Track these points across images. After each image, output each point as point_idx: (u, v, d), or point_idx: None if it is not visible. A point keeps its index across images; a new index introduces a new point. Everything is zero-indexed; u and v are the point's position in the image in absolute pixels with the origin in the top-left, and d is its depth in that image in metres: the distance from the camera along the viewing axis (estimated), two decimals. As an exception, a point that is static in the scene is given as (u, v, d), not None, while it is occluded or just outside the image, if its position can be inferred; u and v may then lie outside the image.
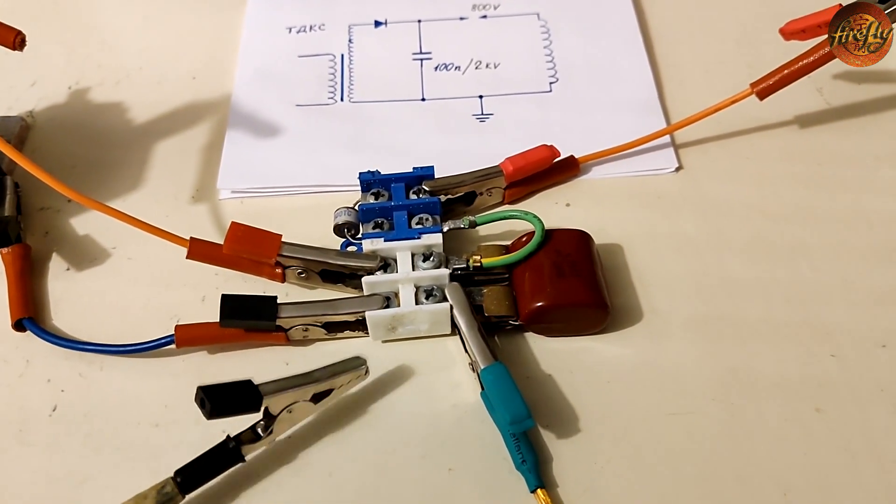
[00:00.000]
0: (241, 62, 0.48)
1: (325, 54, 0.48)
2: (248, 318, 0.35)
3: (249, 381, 0.30)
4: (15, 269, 0.38)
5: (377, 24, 0.50)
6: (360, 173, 0.39)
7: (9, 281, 0.38)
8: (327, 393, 0.33)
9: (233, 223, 0.36)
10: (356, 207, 0.39)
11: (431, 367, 0.36)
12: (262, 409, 0.30)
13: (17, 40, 0.34)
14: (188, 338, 0.35)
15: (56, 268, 0.40)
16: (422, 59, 0.48)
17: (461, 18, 0.50)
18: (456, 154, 0.43)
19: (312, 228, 0.40)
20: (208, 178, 0.43)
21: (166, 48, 0.50)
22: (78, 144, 0.46)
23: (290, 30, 0.50)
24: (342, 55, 0.48)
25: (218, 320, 0.35)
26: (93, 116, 0.47)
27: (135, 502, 0.30)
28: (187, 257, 0.37)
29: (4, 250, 0.39)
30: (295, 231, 0.38)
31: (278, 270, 0.37)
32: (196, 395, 0.29)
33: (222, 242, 0.36)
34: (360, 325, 0.36)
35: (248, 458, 0.32)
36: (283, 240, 0.36)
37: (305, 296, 0.38)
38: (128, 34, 0.52)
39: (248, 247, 0.36)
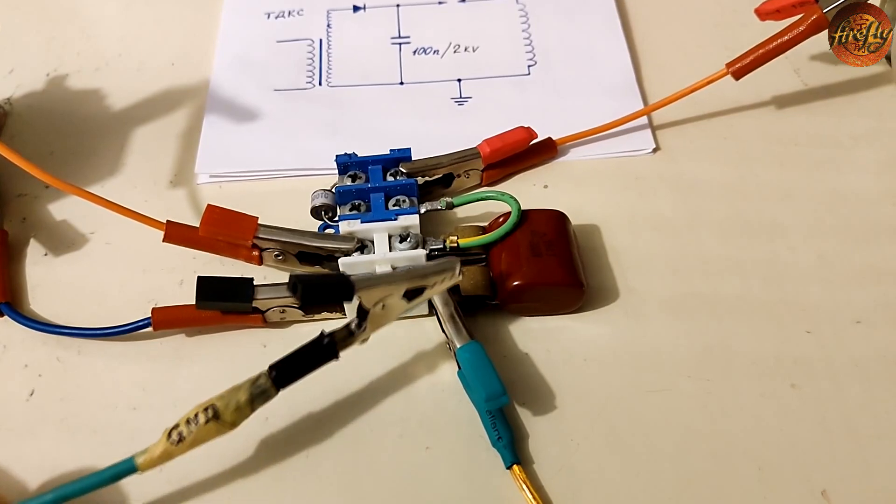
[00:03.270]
0: (220, 48, 0.48)
1: (303, 39, 0.48)
2: (224, 300, 0.35)
3: (343, 274, 0.30)
4: (-8, 255, 0.38)
5: (356, 8, 0.50)
6: (336, 156, 0.39)
7: (-17, 268, 0.38)
8: (420, 291, 0.31)
9: (208, 206, 0.36)
10: (333, 190, 0.39)
11: (408, 348, 0.36)
12: (357, 303, 0.29)
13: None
14: (165, 320, 0.35)
15: (34, 253, 0.40)
16: (400, 44, 0.48)
17: (440, 2, 0.50)
18: (435, 138, 0.43)
19: (291, 211, 0.40)
20: (187, 163, 0.43)
21: (145, 35, 0.50)
22: (56, 132, 0.46)
23: (269, 15, 0.50)
24: (321, 40, 0.48)
25: (195, 303, 0.35)
26: (71, 104, 0.47)
27: (229, 394, 0.29)
28: (164, 240, 0.36)
29: (-19, 236, 0.39)
30: (274, 214, 0.38)
31: (255, 253, 0.37)
32: (289, 281, 0.28)
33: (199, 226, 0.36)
34: (337, 306, 0.36)
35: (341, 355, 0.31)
36: (259, 222, 0.36)
37: (283, 278, 0.38)
38: (106, 21, 0.51)
39: (224, 229, 0.36)
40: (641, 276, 0.38)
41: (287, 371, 0.30)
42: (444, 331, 0.34)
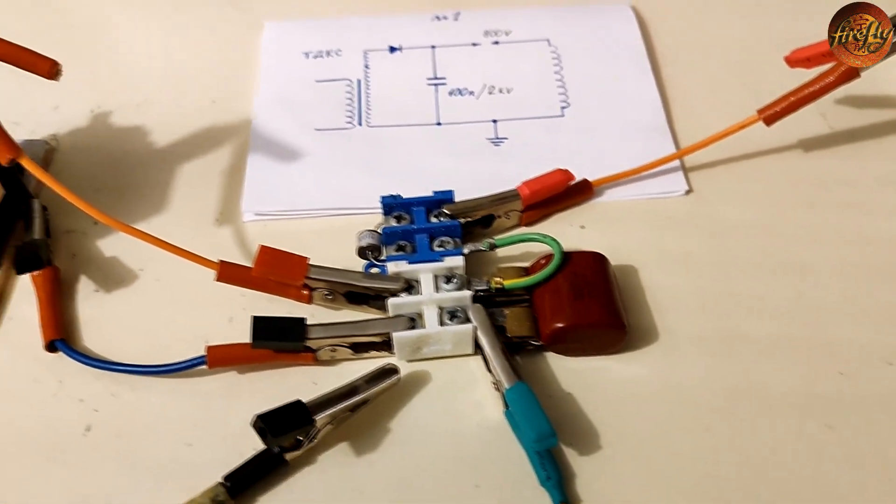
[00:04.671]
0: (260, 86, 0.49)
1: (341, 79, 0.50)
2: (278, 339, 0.36)
3: (300, 402, 0.32)
4: (46, 291, 0.39)
5: (392, 49, 0.51)
6: (382, 197, 0.40)
7: (40, 303, 0.39)
8: (364, 402, 0.34)
9: (262, 246, 0.37)
10: (379, 230, 0.40)
11: (455, 387, 0.37)
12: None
13: (52, 70, 0.35)
14: (219, 358, 0.36)
15: (85, 289, 0.41)
16: (436, 85, 0.49)
17: (474, 44, 0.51)
18: (472, 177, 0.44)
19: (333, 250, 0.41)
20: (231, 200, 0.45)
21: (185, 72, 0.52)
22: (101, 167, 0.47)
23: (307, 55, 0.51)
24: (358, 80, 0.49)
25: (248, 341, 0.36)
26: (115, 139, 0.48)
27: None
28: (217, 280, 0.38)
29: (35, 273, 0.40)
30: (316, 252, 0.39)
31: (305, 292, 0.38)
32: (254, 422, 0.32)
33: (250, 265, 0.37)
34: (385, 346, 0.37)
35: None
36: (309, 262, 0.37)
37: (331, 317, 0.39)
38: (147, 58, 0.53)
39: (276, 269, 0.37)
40: (678, 315, 0.39)
41: (241, 481, 0.33)
42: (490, 370, 0.36)
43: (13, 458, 0.35)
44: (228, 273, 0.37)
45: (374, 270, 0.40)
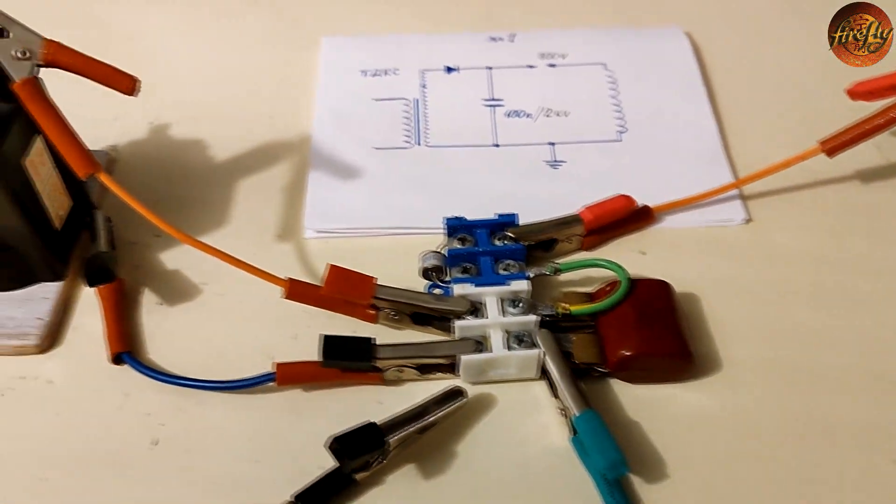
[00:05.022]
0: (318, 103, 0.50)
1: (399, 98, 0.50)
2: (347, 359, 0.36)
3: (373, 425, 0.32)
4: (112, 303, 0.40)
5: (448, 69, 0.51)
6: (446, 219, 0.40)
7: (106, 315, 0.39)
8: (432, 425, 0.34)
9: (331, 266, 0.38)
10: (442, 251, 0.40)
11: (519, 411, 0.37)
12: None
13: (132, 85, 0.35)
14: (288, 375, 0.36)
15: (148, 302, 0.41)
16: (493, 106, 0.49)
17: (530, 66, 0.52)
18: (529, 200, 0.44)
19: (392, 268, 0.41)
20: (292, 216, 0.45)
21: (242, 86, 0.52)
22: (160, 179, 0.47)
23: (365, 73, 0.51)
24: (416, 100, 0.50)
25: (315, 359, 0.36)
26: (173, 152, 0.49)
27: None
28: (286, 297, 0.38)
29: (102, 286, 0.40)
30: (375, 270, 0.39)
31: (371, 311, 0.38)
32: (329, 444, 0.32)
33: (312, 281, 0.38)
34: (450, 368, 0.37)
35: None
36: (377, 282, 0.38)
37: (393, 335, 0.39)
38: (204, 71, 0.53)
39: (345, 288, 0.37)
40: (740, 344, 0.39)
41: (312, 501, 0.33)
42: (557, 396, 0.36)
43: (80, 470, 0.35)
44: (297, 291, 0.38)
45: (437, 291, 0.40)
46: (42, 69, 0.35)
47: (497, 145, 0.47)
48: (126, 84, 0.35)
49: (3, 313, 0.40)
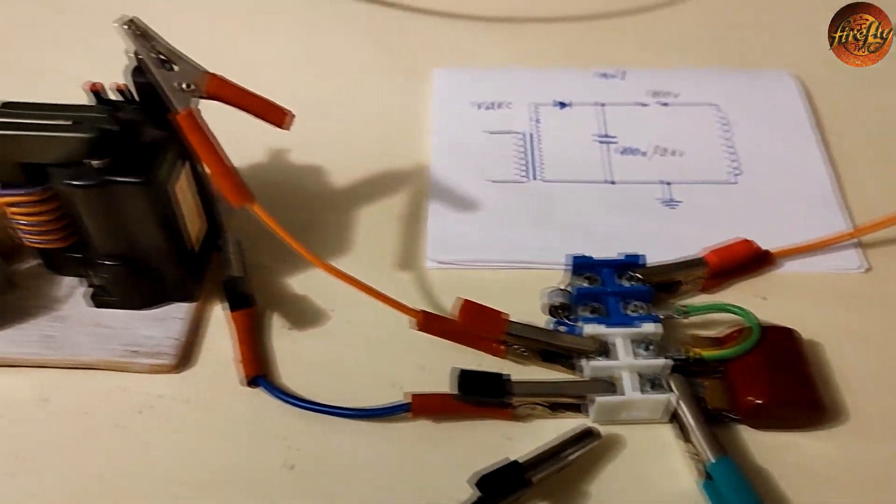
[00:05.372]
0: (433, 133, 0.51)
1: (512, 132, 0.51)
2: (482, 394, 0.37)
3: (517, 464, 0.32)
4: (246, 327, 0.41)
5: (561, 105, 0.52)
6: (573, 257, 0.41)
7: (239, 338, 0.40)
8: (568, 464, 0.35)
9: (464, 300, 0.38)
10: (568, 289, 0.41)
11: (647, 453, 0.37)
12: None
13: (285, 120, 0.37)
14: (423, 407, 0.37)
15: (277, 326, 0.42)
16: (607, 142, 0.50)
17: (641, 104, 0.52)
18: (646, 239, 0.45)
19: (510, 301, 0.41)
20: (411, 245, 0.46)
21: (357, 115, 0.53)
22: (278, 205, 0.47)
23: (479, 106, 0.52)
24: (529, 134, 0.51)
25: (445, 391, 0.37)
26: (292, 177, 0.50)
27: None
28: (418, 329, 0.39)
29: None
30: (494, 303, 0.40)
31: (500, 346, 0.39)
32: (476, 482, 0.33)
33: (438, 312, 0.39)
34: (578, 407, 0.38)
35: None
36: (508, 318, 0.38)
37: (517, 370, 0.40)
38: (320, 97, 0.54)
39: (477, 323, 0.38)
40: (867, 395, 0.39)
41: None
42: (689, 441, 0.36)
43: (215, 490, 0.36)
44: (430, 323, 0.39)
45: (562, 328, 0.40)
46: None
47: (612, 182, 0.48)
48: (280, 117, 0.37)
49: (140, 332, 0.41)
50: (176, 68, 0.35)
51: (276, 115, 0.36)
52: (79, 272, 0.43)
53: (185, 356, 0.41)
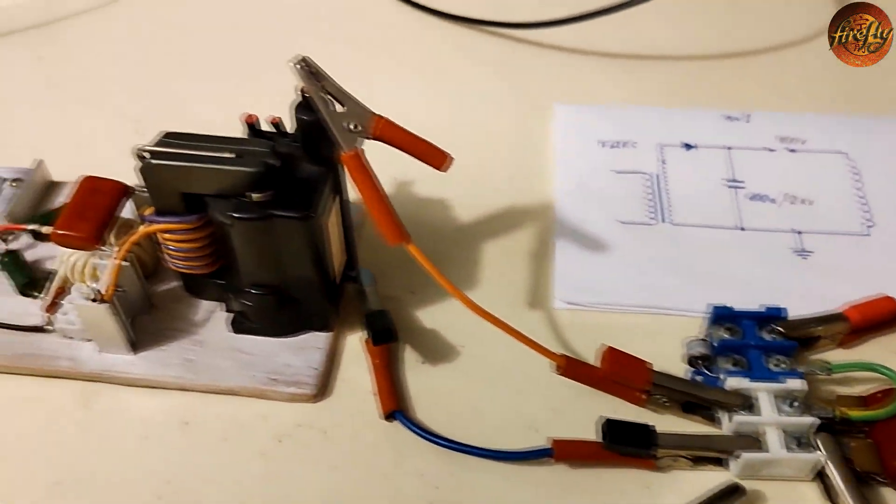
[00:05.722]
0: (558, 170, 0.51)
1: (639, 172, 0.51)
2: (629, 444, 0.37)
3: None
4: (383, 360, 0.41)
5: (687, 146, 0.52)
6: (714, 307, 0.41)
7: (376, 371, 0.41)
8: None
9: (609, 348, 0.38)
10: (708, 339, 0.40)
11: (789, 511, 0.37)
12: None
13: (444, 162, 0.37)
14: (566, 452, 0.37)
15: (410, 360, 0.43)
16: (735, 187, 0.50)
17: (769, 150, 0.52)
18: (777, 289, 0.44)
19: (642, 347, 0.41)
20: (539, 283, 0.46)
21: (480, 148, 0.53)
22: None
23: (603, 144, 0.52)
24: (656, 175, 0.50)
25: (585, 436, 0.37)
26: (417, 210, 0.50)
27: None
28: (560, 374, 0.39)
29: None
30: (624, 347, 0.40)
31: (641, 395, 0.39)
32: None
33: (567, 353, 0.39)
34: (719, 461, 0.38)
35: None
36: (652, 368, 0.38)
37: (654, 419, 0.39)
38: (442, 131, 0.54)
39: (620, 371, 0.38)
40: None
41: None
42: (835, 502, 0.36)
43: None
44: (572, 368, 0.39)
45: (699, 378, 0.40)
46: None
47: (742, 228, 0.48)
48: (440, 160, 0.37)
49: (280, 360, 0.41)
50: (344, 108, 0.35)
51: (437, 158, 0.37)
52: (218, 297, 0.43)
53: (324, 386, 0.41)
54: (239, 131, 0.39)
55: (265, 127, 0.40)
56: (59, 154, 0.51)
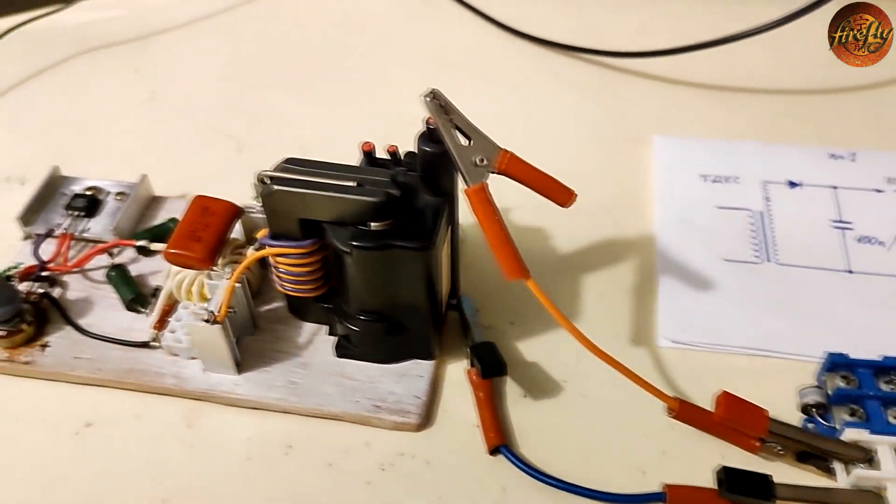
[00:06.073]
0: (658, 203, 0.50)
1: (743, 209, 0.50)
2: (748, 495, 0.36)
3: None
4: (489, 393, 0.41)
5: (791, 184, 0.51)
6: (830, 354, 0.40)
7: (484, 405, 0.40)
8: None
9: (725, 392, 0.38)
10: (823, 386, 0.39)
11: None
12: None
13: (570, 199, 0.37)
14: (680, 498, 0.36)
15: (512, 392, 0.42)
16: (843, 228, 0.49)
17: (877, 191, 0.50)
18: (890, 337, 0.43)
19: (749, 390, 0.40)
20: (642, 320, 0.45)
21: (577, 178, 0.52)
22: (487, 271, 0.48)
23: (705, 178, 0.51)
24: (760, 212, 0.49)
25: (698, 483, 0.36)
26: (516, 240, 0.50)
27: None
28: (672, 417, 0.38)
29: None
30: (731, 389, 0.39)
31: (756, 443, 0.38)
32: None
33: (672, 393, 0.39)
34: (828, 517, 0.37)
35: None
36: (769, 416, 0.37)
37: (766, 467, 0.39)
38: (541, 158, 0.54)
39: (736, 418, 0.37)
40: None
41: None
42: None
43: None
44: (685, 412, 0.38)
45: (811, 426, 0.39)
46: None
47: (850, 272, 0.46)
48: (565, 197, 0.37)
49: (384, 387, 0.41)
50: (471, 142, 0.35)
51: (562, 195, 0.36)
52: (322, 319, 0.43)
53: (427, 416, 0.41)
54: (334, 154, 0.39)
55: (380, 154, 0.40)
56: (157, 168, 0.52)
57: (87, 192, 0.50)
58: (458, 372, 0.43)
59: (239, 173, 0.53)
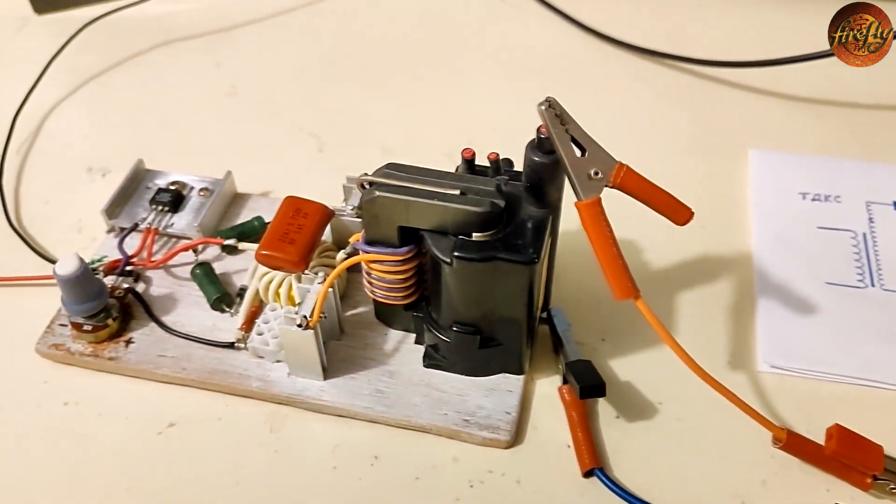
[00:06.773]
0: (755, 221, 0.48)
1: (845, 230, 0.48)
2: (862, 536, 0.34)
3: None
4: (582, 413, 0.39)
5: (896, 205, 0.49)
6: (938, 389, 0.38)
7: (574, 425, 0.39)
8: None
9: (838, 426, 0.36)
10: (938, 424, 0.37)
11: None
12: None
13: (688, 218, 0.35)
14: (786, 538, 0.35)
15: (605, 414, 0.41)
16: (953, 256, 0.46)
17: None
18: None
19: (856, 422, 0.38)
20: (740, 343, 0.43)
21: (669, 188, 0.51)
22: (596, 284, 0.46)
23: (804, 196, 0.49)
24: (864, 234, 0.47)
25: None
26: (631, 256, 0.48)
27: None
28: (781, 448, 0.36)
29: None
30: (834, 419, 0.37)
31: (868, 479, 0.36)
32: None
33: (771, 419, 0.37)
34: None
35: None
36: (885, 453, 0.36)
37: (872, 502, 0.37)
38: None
39: (849, 453, 0.36)
40: None
41: None
42: None
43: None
44: (793, 444, 0.36)
45: (925, 465, 0.37)
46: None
47: (962, 302, 0.44)
48: (683, 216, 0.35)
49: (472, 401, 0.40)
50: (586, 154, 0.34)
51: (679, 213, 0.35)
52: (408, 327, 0.42)
53: (517, 433, 0.40)
54: (416, 156, 0.38)
55: (478, 161, 0.39)
56: (239, 164, 0.51)
57: (172, 187, 0.49)
58: (547, 388, 0.42)
59: (321, 172, 0.53)
